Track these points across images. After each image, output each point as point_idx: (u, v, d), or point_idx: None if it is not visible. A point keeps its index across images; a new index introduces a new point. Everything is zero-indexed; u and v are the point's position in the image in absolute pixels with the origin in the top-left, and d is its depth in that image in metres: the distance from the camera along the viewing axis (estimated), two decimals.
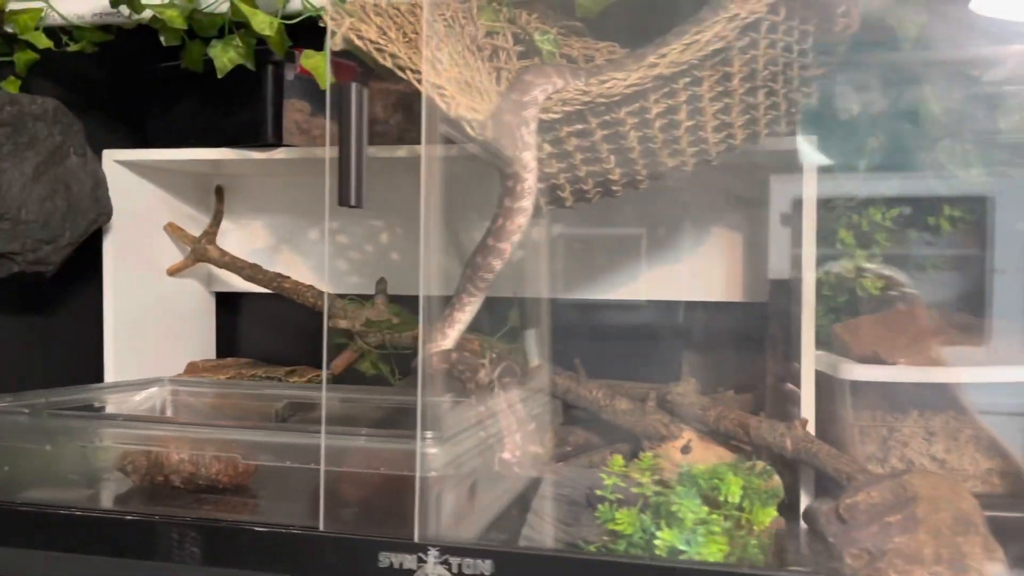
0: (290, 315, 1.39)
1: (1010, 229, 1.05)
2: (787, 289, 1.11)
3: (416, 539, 0.67)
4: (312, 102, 1.22)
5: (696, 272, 1.29)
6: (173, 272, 1.38)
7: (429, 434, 0.70)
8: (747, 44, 0.75)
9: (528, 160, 0.73)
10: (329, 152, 1.06)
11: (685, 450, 0.99)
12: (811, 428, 1.03)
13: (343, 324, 1.23)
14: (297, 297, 1.30)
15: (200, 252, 1.36)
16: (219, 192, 1.43)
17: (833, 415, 1.06)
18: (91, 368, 1.26)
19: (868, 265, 1.06)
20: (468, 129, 0.77)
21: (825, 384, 1.07)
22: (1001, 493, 0.98)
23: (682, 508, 0.66)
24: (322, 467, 0.70)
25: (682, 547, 0.64)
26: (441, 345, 0.77)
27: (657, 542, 0.65)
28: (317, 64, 0.81)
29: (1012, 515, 0.82)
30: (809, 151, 1.04)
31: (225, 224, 1.44)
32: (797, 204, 1.04)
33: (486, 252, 0.75)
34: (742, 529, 0.70)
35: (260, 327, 1.51)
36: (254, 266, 1.33)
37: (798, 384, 1.04)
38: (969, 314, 1.08)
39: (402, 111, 1.20)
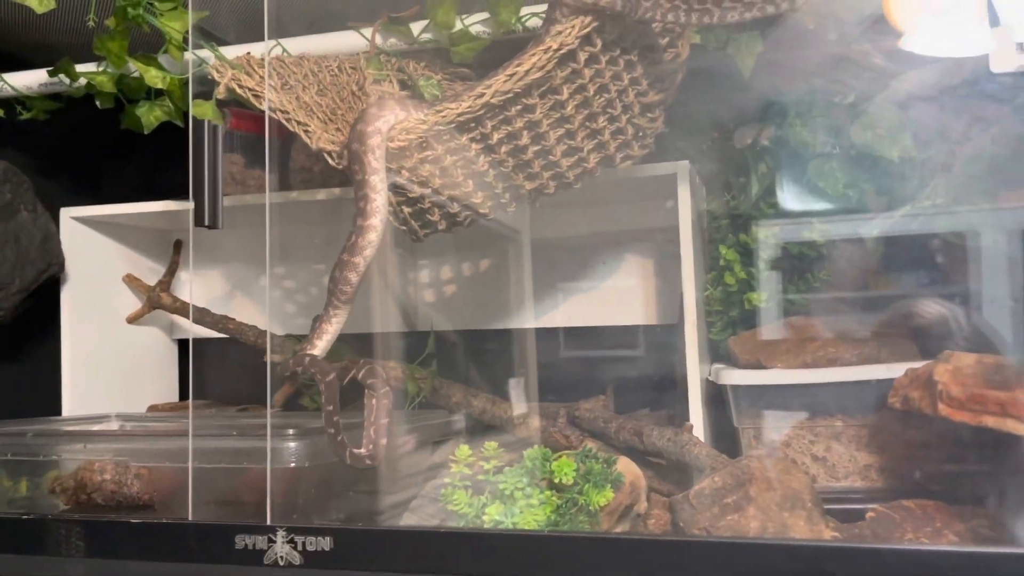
0: (245, 358, 1.49)
1: (884, 239, 1.11)
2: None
3: (268, 522, 0.74)
4: (246, 155, 1.34)
5: (614, 298, 1.37)
6: (132, 320, 1.48)
7: (290, 430, 0.78)
8: (570, 74, 0.84)
9: (375, 183, 0.83)
10: (269, 198, 1.17)
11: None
12: (699, 432, 1.09)
13: (278, 358, 1.32)
14: (241, 337, 1.39)
15: (155, 300, 1.47)
16: (177, 245, 1.54)
17: (725, 421, 1.12)
18: (50, 411, 1.35)
19: (743, 277, 1.13)
20: (329, 159, 0.87)
21: (717, 393, 1.13)
22: (879, 487, 1.02)
23: (508, 486, 0.72)
24: (190, 464, 0.78)
25: (500, 519, 0.70)
26: (310, 352, 0.85)
27: (485, 517, 0.72)
28: (205, 110, 0.91)
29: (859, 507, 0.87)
30: (686, 175, 1.13)
31: (184, 276, 1.54)
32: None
33: (343, 267, 0.84)
34: (576, 508, 0.76)
35: (220, 370, 1.60)
36: (202, 310, 1.43)
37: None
38: (852, 322, 1.14)
39: (324, 159, 1.30)
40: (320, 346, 0.85)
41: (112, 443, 0.89)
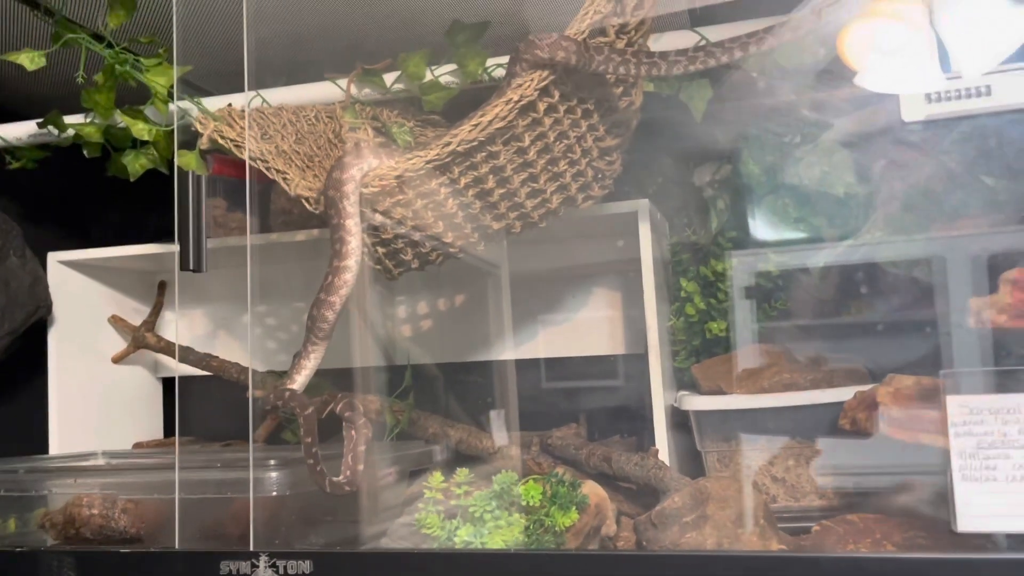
0: (229, 395, 1.53)
1: (833, 268, 1.18)
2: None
3: (251, 548, 0.78)
4: (229, 199, 1.39)
5: (583, 330, 1.43)
6: (117, 360, 1.52)
7: (272, 461, 0.83)
8: (531, 122, 0.91)
9: (350, 226, 0.88)
10: (250, 240, 1.22)
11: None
12: (664, 457, 1.14)
13: (259, 394, 1.36)
14: (224, 374, 1.44)
15: (139, 339, 1.51)
16: (161, 286, 1.59)
17: (691, 445, 1.17)
18: (38, 451, 1.39)
19: (703, 307, 1.19)
20: (306, 205, 0.92)
21: (682, 418, 1.19)
22: (835, 506, 1.07)
23: (477, 508, 0.77)
24: (176, 496, 0.82)
25: (470, 539, 0.75)
26: (290, 387, 0.90)
27: (456, 539, 0.77)
28: (188, 161, 0.97)
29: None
30: (647, 213, 1.19)
31: (169, 315, 1.59)
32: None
33: (320, 305, 0.89)
34: (542, 528, 0.81)
35: (204, 407, 1.64)
36: (185, 348, 1.47)
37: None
38: (808, 348, 1.20)
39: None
40: (299, 381, 0.90)
41: (101, 477, 0.93)
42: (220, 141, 0.96)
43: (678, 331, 1.25)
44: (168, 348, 1.49)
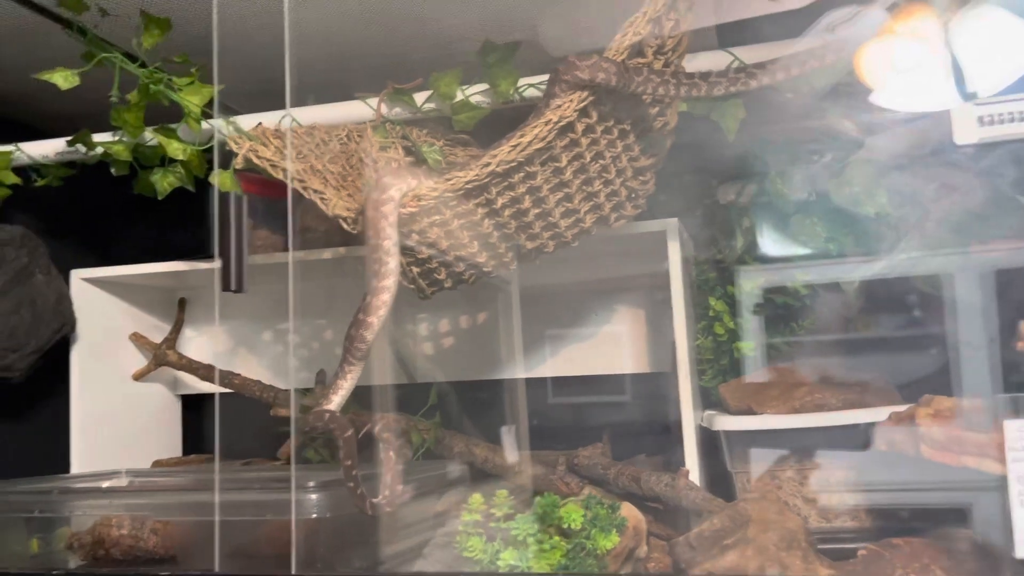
0: (248, 413, 1.52)
1: (862, 288, 1.18)
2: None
3: (293, 571, 0.78)
4: (254, 217, 1.39)
5: (607, 348, 1.42)
6: (138, 377, 1.52)
7: (311, 482, 0.82)
8: (568, 143, 0.91)
9: (389, 247, 0.88)
10: (291, 257, 1.21)
11: None
12: (694, 477, 1.13)
13: (283, 412, 1.36)
14: (246, 391, 1.43)
15: (161, 357, 1.51)
16: (181, 303, 1.59)
17: (720, 466, 1.17)
18: (59, 468, 1.38)
19: (732, 327, 1.19)
20: (344, 224, 0.92)
21: (710, 439, 1.18)
22: (867, 527, 1.07)
23: (520, 532, 0.77)
24: (216, 517, 0.82)
25: (516, 563, 0.74)
26: (328, 408, 0.90)
27: (500, 562, 0.76)
28: (224, 180, 0.97)
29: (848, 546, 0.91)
30: (676, 231, 1.19)
31: (189, 332, 1.59)
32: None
33: (358, 325, 0.89)
34: (584, 552, 0.80)
35: (223, 424, 1.63)
36: (208, 366, 1.47)
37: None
38: (836, 367, 1.20)
39: (330, 220, 1.36)
40: (336, 401, 0.90)
41: (137, 499, 0.93)
42: (255, 161, 0.96)
43: (705, 350, 1.24)
44: (190, 366, 1.49)
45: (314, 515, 0.81)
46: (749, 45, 1.06)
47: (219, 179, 0.94)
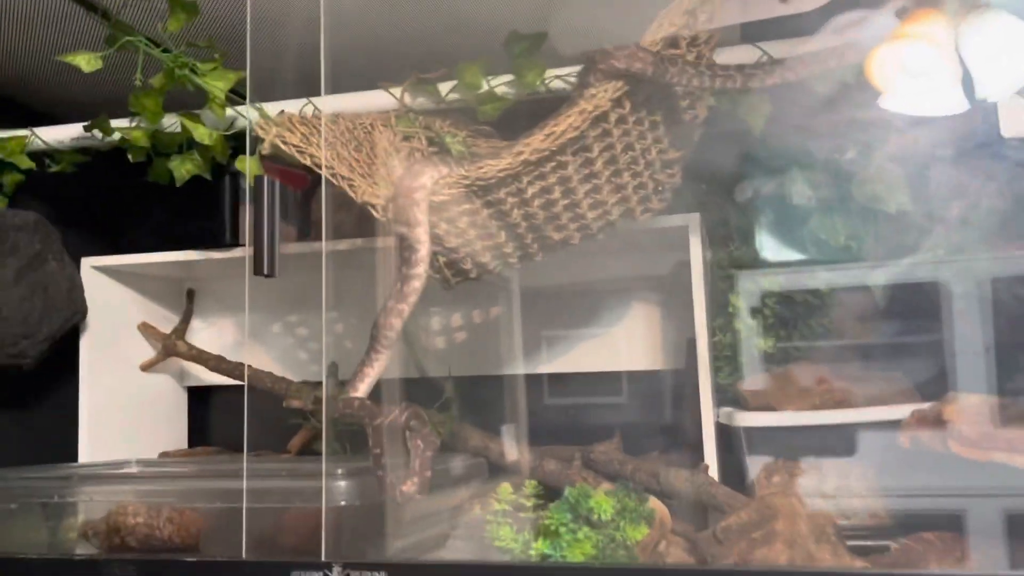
0: (256, 405, 1.51)
1: (884, 288, 1.18)
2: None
3: (323, 558, 0.77)
4: None
5: (621, 345, 1.42)
6: (146, 367, 1.50)
7: (339, 470, 0.81)
8: (600, 133, 0.91)
9: (420, 234, 0.88)
10: (325, 247, 1.20)
11: None
12: (713, 473, 1.13)
13: (296, 403, 1.34)
14: (257, 383, 1.42)
15: (170, 347, 1.49)
16: (190, 294, 1.58)
17: (738, 462, 1.16)
18: (66, 458, 1.36)
19: (751, 323, 1.18)
20: (373, 212, 0.92)
21: (728, 435, 1.18)
22: (885, 526, 1.07)
23: (553, 521, 0.76)
24: (244, 505, 0.81)
25: (550, 552, 0.74)
26: (356, 396, 0.89)
27: (532, 551, 0.76)
28: (252, 166, 0.96)
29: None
30: (697, 227, 1.19)
31: (197, 324, 1.57)
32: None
33: (387, 312, 0.88)
34: (614, 543, 0.80)
35: (229, 417, 1.62)
36: (218, 357, 1.46)
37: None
38: (854, 366, 1.20)
39: (344, 210, 1.35)
40: (362, 389, 0.89)
41: (159, 485, 0.92)
42: (282, 147, 0.95)
43: (723, 347, 1.24)
44: (199, 356, 1.48)
45: (343, 502, 0.80)
46: (772, 40, 1.06)
47: (248, 164, 0.93)
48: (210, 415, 1.63)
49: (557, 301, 1.42)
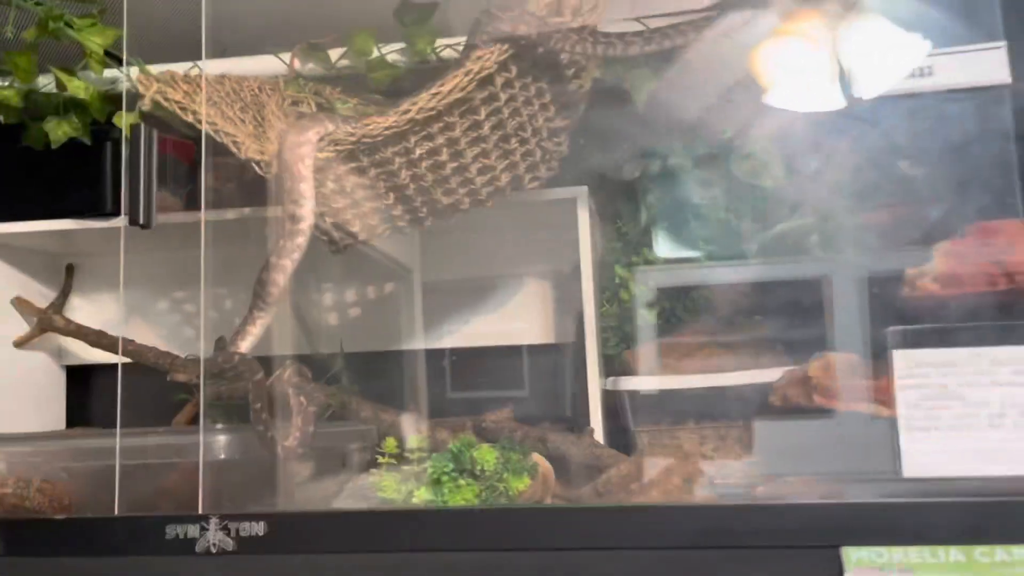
0: (139, 382, 1.46)
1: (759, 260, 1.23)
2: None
3: (200, 511, 0.76)
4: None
5: (512, 320, 1.44)
6: (20, 343, 1.44)
7: (219, 426, 0.80)
8: (487, 96, 0.92)
9: (304, 190, 0.87)
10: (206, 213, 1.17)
11: None
12: (599, 436, 1.16)
13: (180, 377, 1.31)
14: (141, 358, 1.37)
15: (46, 322, 1.43)
16: (69, 269, 1.52)
17: (623, 427, 1.20)
18: None
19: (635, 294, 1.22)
20: (257, 169, 0.91)
21: (614, 401, 1.21)
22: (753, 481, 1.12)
23: (435, 471, 0.77)
24: (117, 461, 0.79)
25: (432, 498, 0.75)
26: (235, 351, 0.88)
27: (415, 500, 0.76)
28: (124, 120, 0.94)
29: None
30: (586, 200, 1.22)
31: (77, 300, 1.51)
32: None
33: (270, 269, 0.87)
34: (496, 492, 0.81)
35: (110, 396, 1.56)
36: (99, 332, 1.40)
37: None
38: (737, 337, 1.25)
39: (234, 180, 1.33)
40: (244, 347, 0.88)
41: (31, 446, 0.88)
42: (163, 103, 0.93)
43: (610, 318, 1.28)
44: (78, 331, 1.42)
45: (222, 455, 0.79)
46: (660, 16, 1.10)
47: (125, 119, 0.91)
48: (90, 395, 1.57)
49: (453, 277, 1.43)
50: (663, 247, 1.27)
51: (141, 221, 0.81)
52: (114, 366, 1.45)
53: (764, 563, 0.69)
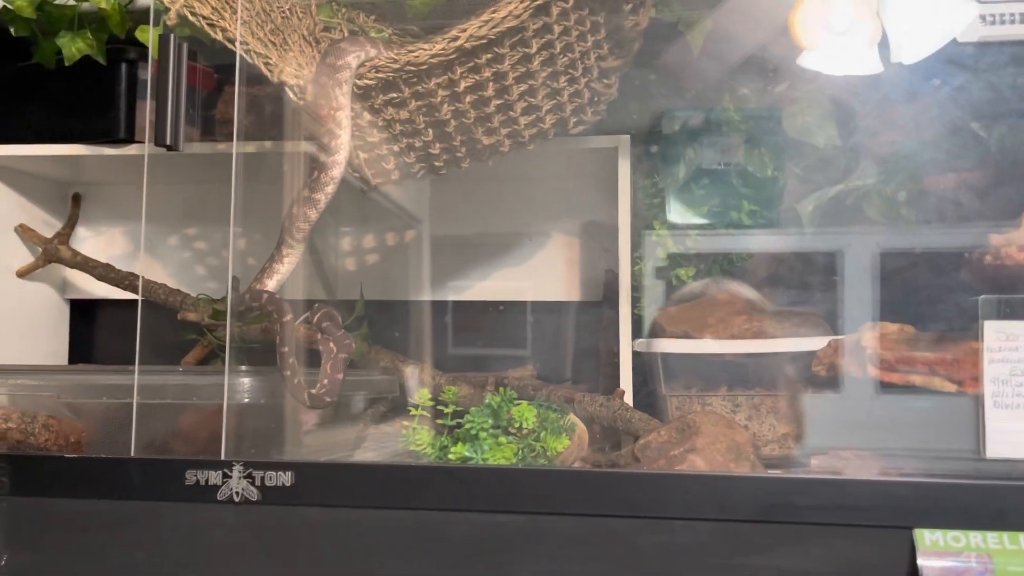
0: (146, 319, 1.40)
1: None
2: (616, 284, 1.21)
3: (223, 457, 0.70)
4: None
5: (539, 275, 1.38)
6: (23, 273, 1.38)
7: (243, 367, 0.75)
8: (541, 27, 0.85)
9: (342, 118, 0.81)
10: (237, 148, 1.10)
11: None
12: (628, 399, 1.11)
13: (192, 316, 1.26)
14: (149, 295, 1.32)
15: (52, 252, 1.37)
16: (75, 198, 1.45)
17: (654, 390, 1.15)
18: None
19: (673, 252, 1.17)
20: (291, 93, 0.84)
21: (646, 363, 1.16)
22: (796, 455, 1.07)
23: (474, 425, 0.72)
24: (134, 400, 0.73)
25: (471, 455, 0.70)
26: (263, 288, 0.82)
27: (451, 455, 0.71)
28: (152, 35, 0.87)
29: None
30: (627, 149, 1.16)
31: (83, 232, 1.45)
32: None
33: (302, 203, 0.81)
34: (535, 452, 0.76)
35: (115, 333, 1.51)
36: (107, 265, 1.35)
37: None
38: (775, 298, 1.20)
39: (254, 112, 1.26)
40: (271, 285, 0.82)
41: (40, 379, 0.83)
42: (190, 18, 0.86)
43: (643, 276, 1.22)
44: (85, 263, 1.36)
45: (247, 399, 0.73)
46: None
47: (152, 34, 0.84)
48: (94, 331, 1.52)
49: (475, 228, 1.37)
50: (699, 208, 1.21)
51: (168, 142, 0.75)
52: (120, 302, 1.40)
53: (827, 541, 0.64)
